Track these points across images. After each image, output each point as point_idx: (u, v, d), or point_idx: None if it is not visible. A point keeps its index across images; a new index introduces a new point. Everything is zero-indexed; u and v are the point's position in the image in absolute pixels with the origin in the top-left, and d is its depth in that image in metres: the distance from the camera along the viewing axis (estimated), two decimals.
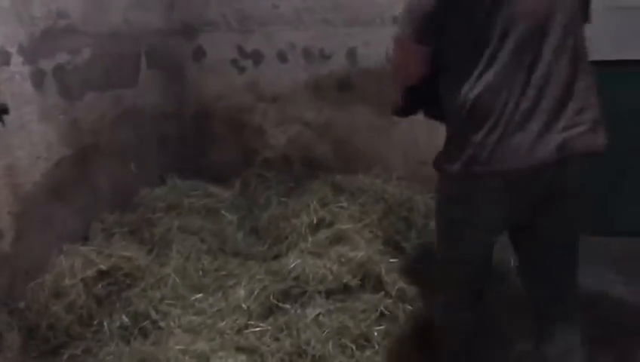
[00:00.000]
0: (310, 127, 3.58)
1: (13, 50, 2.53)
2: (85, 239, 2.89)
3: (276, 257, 2.69)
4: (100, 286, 2.41)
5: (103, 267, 2.41)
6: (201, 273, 2.58)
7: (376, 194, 2.95)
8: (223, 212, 2.93)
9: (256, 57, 3.59)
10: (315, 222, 2.73)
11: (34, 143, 2.66)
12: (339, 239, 2.64)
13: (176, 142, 3.66)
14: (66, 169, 2.85)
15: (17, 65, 2.56)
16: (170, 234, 2.75)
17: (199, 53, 3.70)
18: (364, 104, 3.43)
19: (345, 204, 2.86)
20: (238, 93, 3.69)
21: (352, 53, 3.41)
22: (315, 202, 2.81)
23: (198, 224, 2.81)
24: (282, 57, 3.54)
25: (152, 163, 3.45)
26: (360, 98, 3.44)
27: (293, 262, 2.40)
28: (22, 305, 2.47)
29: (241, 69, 3.65)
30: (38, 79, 2.67)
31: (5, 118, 2.51)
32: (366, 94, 3.41)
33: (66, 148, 2.84)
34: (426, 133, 2.92)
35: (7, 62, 2.51)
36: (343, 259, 2.48)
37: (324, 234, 2.67)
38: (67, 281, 2.32)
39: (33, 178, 2.66)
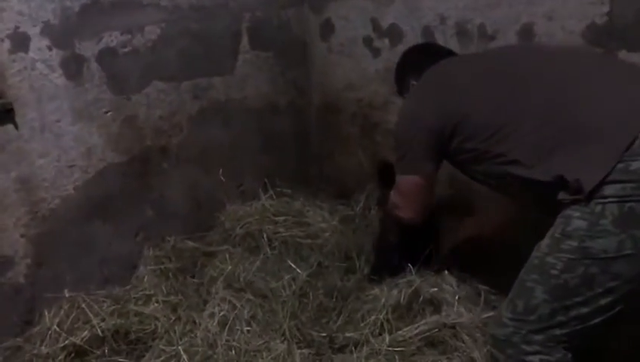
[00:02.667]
0: None
1: (33, 31, 1.98)
2: (135, 268, 2.32)
3: (340, 350, 1.78)
4: (93, 355, 1.77)
5: (98, 331, 1.77)
6: (232, 352, 1.79)
7: None
8: (289, 261, 2.07)
9: (395, 35, 2.60)
10: (403, 300, 1.74)
11: (64, 149, 2.12)
12: (436, 343, 1.62)
13: (289, 143, 2.89)
14: (116, 179, 2.28)
15: (40, 51, 2.01)
16: (216, 286, 2.00)
17: (327, 29, 2.83)
18: None
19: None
20: (370, 83, 2.76)
21: (527, 31, 2.23)
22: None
23: (249, 275, 2.00)
24: (428, 35, 2.49)
25: (252, 169, 2.73)
26: None
27: None
28: None
29: (376, 51, 2.70)
30: (73, 68, 2.11)
31: (20, 119, 1.99)
32: None
33: (116, 154, 2.27)
34: None
35: (23, 48, 1.97)
36: None
37: (417, 328, 1.67)
38: (44, 348, 1.73)
39: (62, 191, 2.14)
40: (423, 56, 1.94)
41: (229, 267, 2.06)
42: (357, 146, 2.88)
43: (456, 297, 1.83)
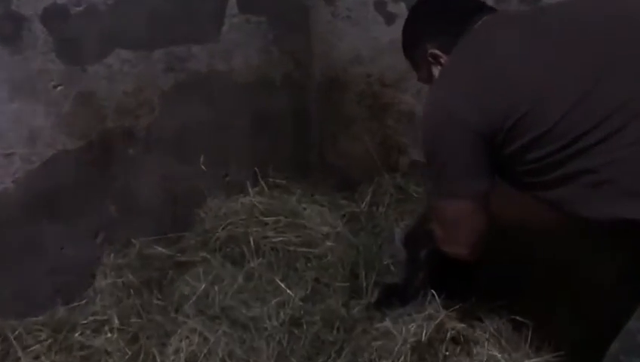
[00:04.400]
0: None
1: None
2: (94, 277, 1.92)
3: None
4: None
5: None
6: None
7: None
8: (277, 280, 1.66)
9: None
10: (424, 338, 1.34)
11: None
12: None
13: (284, 125, 2.47)
14: (68, 170, 1.88)
15: None
16: (182, 310, 1.60)
17: None
18: None
19: None
20: (382, 55, 2.35)
21: None
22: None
23: (227, 298, 1.60)
24: None
25: (240, 156, 2.32)
26: None
27: None
28: None
29: (390, 17, 2.27)
30: (9, 30, 1.69)
31: None
32: None
33: (68, 139, 1.86)
34: None
35: None
36: None
37: None
38: None
39: None
40: (445, 13, 1.42)
41: (203, 285, 1.65)
42: (364, 130, 2.47)
43: (487, 335, 1.44)
